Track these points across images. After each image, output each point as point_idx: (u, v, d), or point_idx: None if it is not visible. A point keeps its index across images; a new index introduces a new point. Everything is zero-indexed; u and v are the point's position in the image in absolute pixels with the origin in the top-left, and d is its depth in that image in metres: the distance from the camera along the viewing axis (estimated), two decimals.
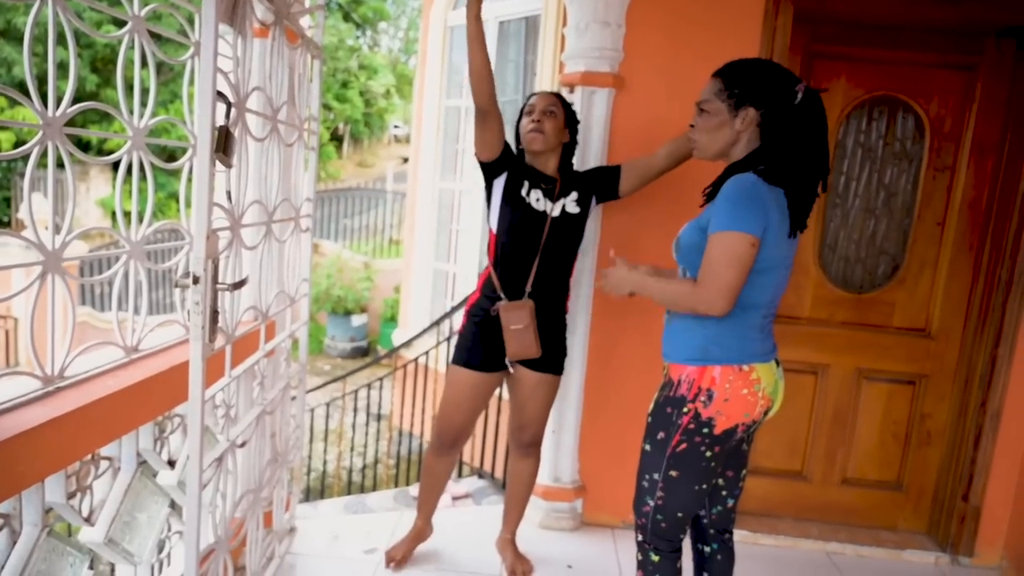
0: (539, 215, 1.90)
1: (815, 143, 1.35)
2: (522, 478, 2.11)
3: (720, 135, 1.40)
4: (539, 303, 1.91)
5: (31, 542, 1.18)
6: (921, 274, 2.37)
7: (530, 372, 1.97)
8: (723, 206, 1.30)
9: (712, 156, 1.44)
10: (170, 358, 1.53)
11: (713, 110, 1.40)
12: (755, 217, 1.28)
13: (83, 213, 10.83)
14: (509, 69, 4.32)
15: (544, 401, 2.02)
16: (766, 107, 1.34)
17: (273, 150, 1.69)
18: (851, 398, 2.43)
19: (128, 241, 1.36)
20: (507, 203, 1.90)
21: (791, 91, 1.33)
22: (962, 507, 2.34)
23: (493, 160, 1.90)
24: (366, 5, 15.88)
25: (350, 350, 8.26)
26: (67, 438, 1.18)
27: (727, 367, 1.36)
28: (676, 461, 1.39)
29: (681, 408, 1.38)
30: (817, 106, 1.35)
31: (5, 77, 10.43)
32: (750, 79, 1.36)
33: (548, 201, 1.91)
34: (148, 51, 1.32)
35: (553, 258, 1.92)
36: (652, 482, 1.43)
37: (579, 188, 1.95)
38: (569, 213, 1.93)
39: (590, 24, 2.15)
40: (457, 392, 1.99)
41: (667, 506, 1.43)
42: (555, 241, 1.91)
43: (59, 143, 1.12)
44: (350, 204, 10.77)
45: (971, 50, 2.23)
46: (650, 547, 1.48)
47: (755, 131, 1.37)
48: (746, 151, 1.39)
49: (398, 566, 2.10)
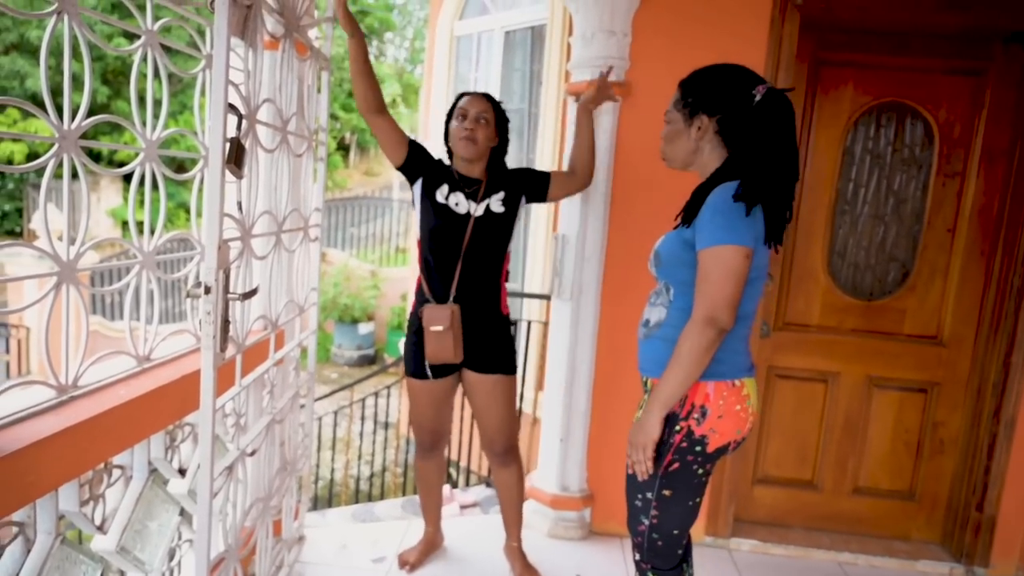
0: (460, 218, 1.87)
1: (779, 143, 1.30)
2: (509, 486, 2.07)
3: (679, 144, 1.41)
4: (468, 306, 1.88)
5: (45, 550, 1.19)
6: (932, 281, 2.35)
7: (478, 375, 1.94)
8: (713, 218, 1.26)
9: (679, 166, 1.44)
10: (181, 367, 1.54)
11: (672, 120, 1.42)
12: (746, 228, 1.25)
13: (94, 223, 10.93)
14: (515, 78, 4.34)
15: (503, 405, 1.97)
16: (720, 112, 1.33)
17: (283, 161, 1.70)
18: (862, 406, 2.41)
19: (140, 252, 1.38)
20: (426, 208, 1.89)
21: (747, 94, 1.30)
22: (976, 517, 2.31)
23: (402, 165, 1.90)
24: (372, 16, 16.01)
25: (357, 358, 8.27)
26: (80, 447, 1.19)
27: (720, 383, 1.32)
28: (669, 480, 1.35)
29: (673, 426, 1.33)
30: (781, 107, 1.30)
31: (19, 90, 10.57)
32: (703, 87, 1.36)
33: (472, 202, 1.88)
34: (161, 64, 1.34)
35: (478, 259, 1.88)
36: (645, 501, 1.39)
37: (507, 187, 1.92)
38: (494, 212, 1.89)
39: (596, 33, 2.16)
40: (416, 402, 2.01)
41: (662, 525, 1.39)
42: (479, 242, 1.87)
43: (74, 155, 1.13)
44: (357, 213, 10.82)
45: (979, 55, 2.23)
46: (648, 567, 1.44)
47: (717, 139, 1.36)
48: (713, 159, 1.37)
49: (412, 569, 2.12)
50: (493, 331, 1.94)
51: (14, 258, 6.66)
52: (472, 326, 1.90)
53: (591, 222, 2.25)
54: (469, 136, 1.84)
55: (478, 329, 1.91)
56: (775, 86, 1.32)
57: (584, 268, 2.29)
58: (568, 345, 2.33)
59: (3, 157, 10.20)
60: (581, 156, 2.07)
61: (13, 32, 10.69)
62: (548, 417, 2.41)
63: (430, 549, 2.19)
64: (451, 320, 1.84)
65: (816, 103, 2.30)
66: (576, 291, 2.30)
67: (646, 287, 2.11)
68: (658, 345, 1.39)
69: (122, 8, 10.02)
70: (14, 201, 11.50)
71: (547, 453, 2.43)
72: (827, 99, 2.30)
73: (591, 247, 2.27)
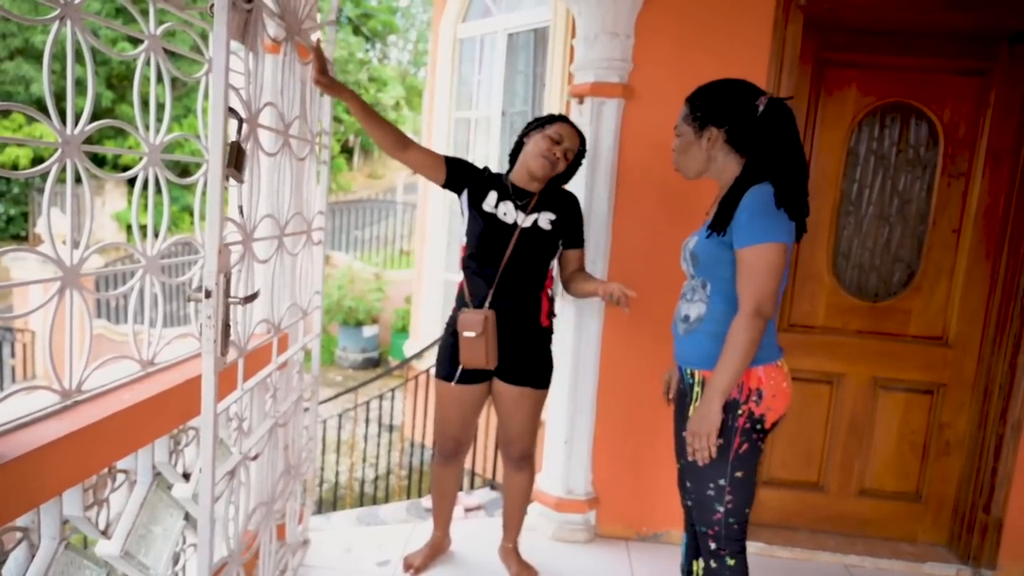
0: (507, 227, 1.88)
1: (786, 149, 1.42)
2: (517, 491, 2.09)
3: (691, 156, 1.53)
4: (506, 314, 1.88)
5: (49, 555, 1.19)
6: (937, 282, 2.34)
7: (507, 385, 1.94)
8: (753, 219, 1.37)
9: (693, 175, 1.56)
10: (185, 371, 1.54)
11: (682, 133, 1.54)
12: (784, 225, 1.37)
13: (98, 227, 10.98)
14: (518, 81, 4.34)
15: (527, 415, 1.97)
16: (728, 124, 1.46)
17: (285, 164, 1.70)
18: (867, 408, 2.40)
19: (144, 256, 1.38)
20: (473, 216, 1.91)
21: (751, 105, 1.43)
22: (983, 519, 2.29)
23: (446, 184, 1.93)
24: (376, 19, 16.05)
25: (361, 361, 8.27)
26: (84, 452, 1.19)
27: (768, 366, 1.44)
28: (741, 462, 1.45)
29: (736, 411, 1.44)
30: (783, 115, 1.43)
31: (24, 95, 10.63)
32: (710, 101, 1.48)
33: (521, 213, 1.89)
34: (163, 69, 1.34)
35: (520, 269, 1.88)
36: (719, 489, 1.47)
37: (560, 211, 1.92)
38: (541, 228, 1.89)
39: (599, 35, 2.16)
40: (444, 406, 2.00)
41: (736, 507, 1.48)
42: (522, 252, 1.88)
43: (77, 160, 1.13)
44: (361, 215, 10.83)
45: (984, 56, 2.22)
46: (726, 552, 1.51)
47: (727, 147, 1.48)
48: (729, 165, 1.49)
49: (417, 572, 2.12)
50: (529, 342, 1.93)
51: (19, 263, 6.69)
52: (508, 335, 1.89)
53: (595, 222, 2.24)
54: (553, 160, 1.86)
55: (514, 338, 1.90)
56: (776, 95, 1.43)
57: (588, 268, 2.28)
58: (572, 346, 2.32)
59: (8, 162, 10.26)
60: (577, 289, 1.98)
61: (18, 37, 10.75)
62: (552, 419, 2.41)
63: (436, 553, 2.19)
64: (484, 326, 1.83)
65: (820, 104, 2.29)
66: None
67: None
68: (703, 339, 1.49)
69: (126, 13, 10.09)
70: (19, 206, 11.56)
71: (552, 455, 2.42)
72: (831, 100, 2.29)
73: (595, 247, 2.26)
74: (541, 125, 1.91)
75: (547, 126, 1.89)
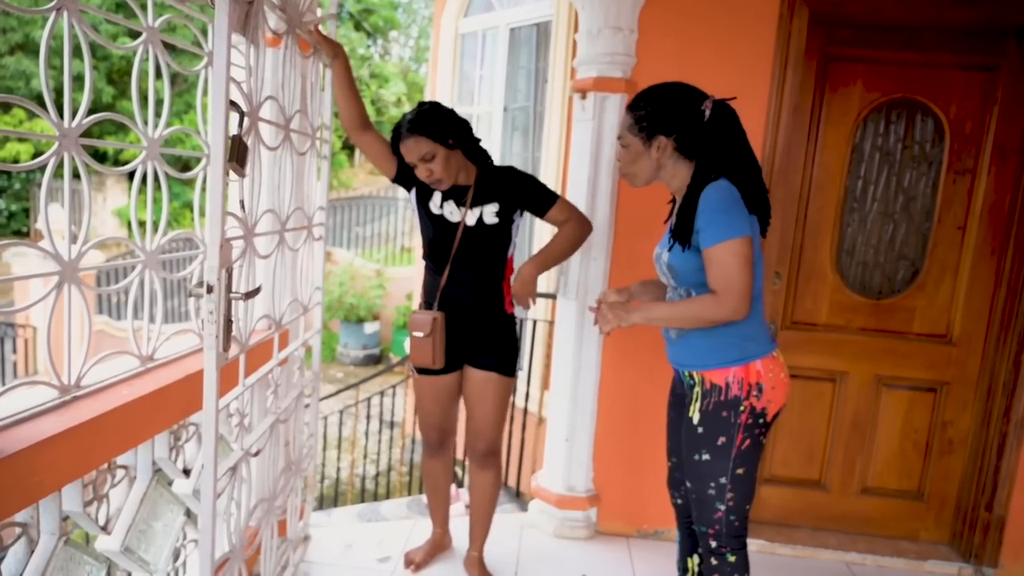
0: (453, 226, 1.86)
1: (735, 150, 1.42)
2: (483, 491, 2.03)
3: (641, 165, 1.50)
4: (471, 309, 1.88)
5: (48, 551, 1.18)
6: (942, 279, 2.32)
7: (474, 371, 1.94)
8: (713, 217, 1.36)
9: (643, 183, 1.54)
10: (185, 367, 1.54)
11: (629, 144, 1.50)
12: (743, 218, 1.37)
13: (100, 223, 10.98)
14: (521, 76, 4.32)
15: (492, 404, 1.95)
16: (677, 132, 1.44)
17: (286, 159, 1.69)
18: (870, 406, 2.39)
19: (143, 251, 1.37)
20: (423, 217, 1.91)
21: (698, 111, 1.41)
22: (986, 517, 2.29)
23: (396, 179, 1.92)
24: (377, 14, 16.00)
25: (363, 358, 8.27)
26: (84, 447, 1.19)
27: (765, 359, 1.44)
28: (742, 459, 1.45)
29: (737, 408, 1.43)
30: (728, 116, 1.42)
31: (24, 90, 10.62)
32: (656, 110, 1.45)
33: (464, 209, 1.85)
34: (162, 62, 1.33)
35: (473, 265, 1.87)
36: (720, 487, 1.47)
37: (502, 198, 1.86)
38: (486, 224, 1.85)
39: (602, 30, 2.14)
40: (421, 397, 2.02)
41: (737, 504, 1.48)
42: (470, 251, 1.86)
43: (75, 154, 1.12)
44: (362, 212, 10.82)
45: (991, 51, 2.20)
46: (727, 549, 1.51)
47: (677, 154, 1.46)
48: (679, 170, 1.47)
49: (418, 568, 2.12)
50: (494, 329, 1.93)
51: (21, 259, 6.69)
52: (475, 326, 1.90)
53: (597, 220, 2.23)
54: (429, 179, 1.79)
55: (480, 329, 1.91)
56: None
57: (590, 267, 2.27)
58: (574, 344, 2.32)
59: (9, 157, 10.25)
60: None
61: (18, 32, 10.74)
62: (554, 416, 2.40)
63: (437, 550, 2.19)
64: (432, 327, 1.84)
65: (825, 99, 2.28)
66: (582, 290, 2.29)
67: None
68: (697, 339, 1.49)
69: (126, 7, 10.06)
70: (20, 201, 11.57)
71: (553, 453, 2.42)
72: (836, 95, 2.27)
73: (597, 246, 2.25)
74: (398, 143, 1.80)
75: (400, 149, 1.78)
